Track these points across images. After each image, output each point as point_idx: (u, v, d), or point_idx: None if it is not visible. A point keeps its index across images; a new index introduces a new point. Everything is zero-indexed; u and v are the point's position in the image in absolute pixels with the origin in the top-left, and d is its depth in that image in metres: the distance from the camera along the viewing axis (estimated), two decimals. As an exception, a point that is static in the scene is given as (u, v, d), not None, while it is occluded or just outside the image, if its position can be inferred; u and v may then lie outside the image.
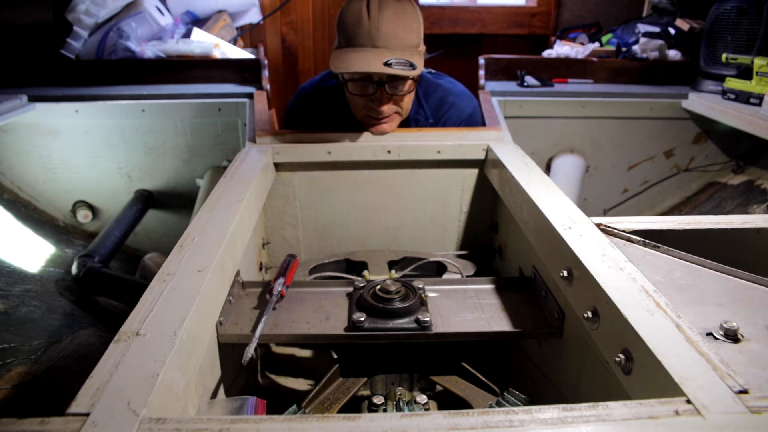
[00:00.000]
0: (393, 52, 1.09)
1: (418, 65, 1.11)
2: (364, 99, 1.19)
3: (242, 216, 0.88)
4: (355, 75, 1.15)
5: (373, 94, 1.16)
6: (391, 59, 1.08)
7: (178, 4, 2.22)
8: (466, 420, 0.44)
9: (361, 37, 1.10)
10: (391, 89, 1.15)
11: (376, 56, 1.08)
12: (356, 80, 1.16)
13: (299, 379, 1.13)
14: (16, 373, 1.06)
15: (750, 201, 1.77)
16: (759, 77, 1.70)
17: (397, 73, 1.09)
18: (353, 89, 1.18)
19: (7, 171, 1.72)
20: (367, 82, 1.15)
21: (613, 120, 1.91)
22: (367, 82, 1.15)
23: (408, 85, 1.17)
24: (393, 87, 1.15)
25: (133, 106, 1.65)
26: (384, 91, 1.15)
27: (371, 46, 1.10)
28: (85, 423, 0.43)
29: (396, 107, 1.21)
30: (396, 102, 1.20)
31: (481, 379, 0.80)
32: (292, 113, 1.42)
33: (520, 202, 0.96)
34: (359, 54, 1.10)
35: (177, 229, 1.65)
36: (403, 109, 1.23)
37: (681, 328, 0.53)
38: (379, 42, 1.09)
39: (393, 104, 1.20)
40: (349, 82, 1.18)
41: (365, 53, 1.10)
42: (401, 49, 1.10)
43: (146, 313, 0.59)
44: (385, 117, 1.21)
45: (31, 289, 1.33)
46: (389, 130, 1.25)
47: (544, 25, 2.87)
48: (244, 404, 0.63)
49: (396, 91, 1.16)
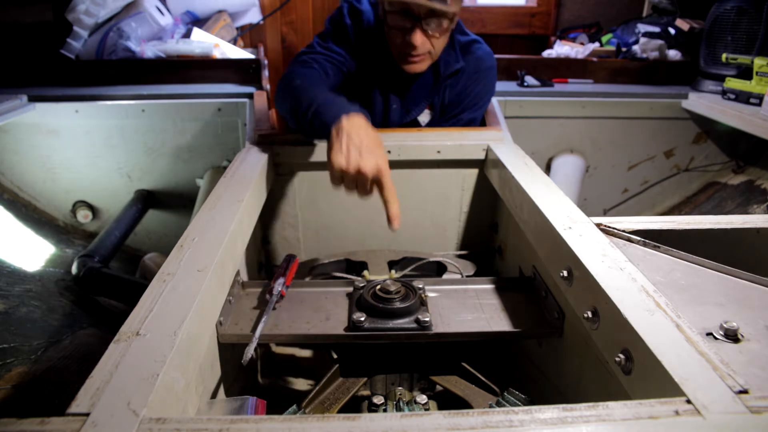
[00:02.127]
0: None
1: (454, 6, 1.16)
2: (401, 33, 1.21)
3: (242, 216, 0.88)
4: (396, 6, 1.18)
5: (410, 29, 1.19)
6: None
7: (178, 4, 2.22)
8: (466, 420, 0.44)
9: None
10: (427, 25, 1.18)
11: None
12: (396, 12, 1.19)
13: (299, 379, 1.13)
14: (16, 373, 1.06)
15: (750, 201, 1.77)
16: (759, 77, 1.70)
17: (435, 6, 1.13)
18: (391, 21, 1.21)
19: (7, 171, 1.72)
20: (406, 16, 1.18)
21: (613, 120, 1.91)
22: (406, 16, 1.18)
23: (445, 24, 1.20)
24: (429, 23, 1.18)
25: (133, 106, 1.65)
26: (420, 27, 1.18)
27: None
28: (85, 423, 0.43)
29: (429, 46, 1.23)
30: (431, 42, 1.22)
31: (481, 379, 0.80)
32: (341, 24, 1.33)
33: (520, 202, 0.96)
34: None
35: (177, 229, 1.65)
36: (435, 50, 1.26)
37: (681, 328, 0.53)
38: None
39: (428, 43, 1.22)
40: (388, 13, 1.21)
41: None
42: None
43: (146, 313, 0.59)
44: (418, 55, 1.24)
45: (31, 289, 1.33)
46: (420, 69, 1.28)
47: (544, 25, 2.87)
48: (244, 404, 0.63)
49: (431, 27, 1.19)
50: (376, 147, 0.92)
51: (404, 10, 1.17)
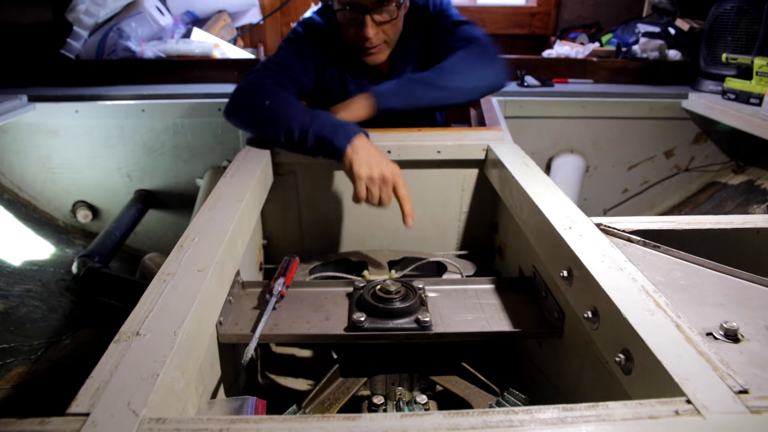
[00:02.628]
0: None
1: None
2: (354, 29, 1.24)
3: (242, 216, 0.88)
4: (342, 4, 1.21)
5: (361, 22, 1.22)
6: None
7: (178, 4, 2.22)
8: (466, 420, 0.44)
9: None
10: (377, 14, 1.21)
11: None
12: (344, 9, 1.22)
13: (299, 379, 1.13)
14: (16, 373, 1.06)
15: (750, 201, 1.77)
16: (759, 77, 1.70)
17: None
18: (342, 18, 1.24)
19: (7, 171, 1.73)
20: (355, 11, 1.21)
21: (613, 120, 1.91)
22: (355, 11, 1.21)
23: (392, 9, 1.22)
24: (378, 12, 1.21)
25: (133, 106, 1.65)
26: (370, 18, 1.21)
27: None
28: (85, 423, 0.43)
29: (383, 36, 1.26)
30: (383, 30, 1.25)
31: (481, 379, 0.80)
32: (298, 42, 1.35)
33: (520, 202, 0.96)
34: None
35: (177, 229, 1.65)
36: (390, 38, 1.28)
37: (681, 328, 0.53)
38: None
39: (381, 33, 1.25)
40: (338, 12, 1.24)
41: None
42: None
43: (146, 313, 0.59)
44: (375, 47, 1.27)
45: (31, 289, 1.33)
46: (380, 60, 1.31)
47: (544, 25, 2.87)
48: (244, 404, 0.63)
49: (381, 16, 1.22)
50: (385, 159, 1.05)
51: (352, 4, 1.20)
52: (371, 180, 1.00)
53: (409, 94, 1.21)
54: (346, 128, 1.07)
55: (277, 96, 1.18)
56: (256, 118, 1.18)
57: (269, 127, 1.14)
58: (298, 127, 1.09)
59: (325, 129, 1.07)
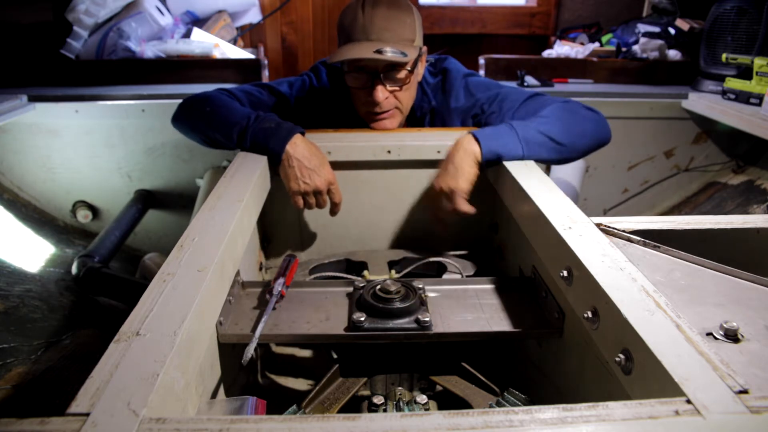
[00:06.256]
0: (386, 43, 1.11)
1: (411, 55, 1.13)
2: (364, 93, 1.20)
3: (242, 216, 0.88)
4: (351, 66, 1.17)
5: (370, 86, 1.17)
6: (383, 48, 1.10)
7: (178, 4, 2.22)
8: (466, 420, 0.44)
9: (356, 33, 1.13)
10: (387, 79, 1.16)
11: (369, 46, 1.11)
12: (352, 72, 1.18)
13: (299, 379, 1.12)
14: (16, 373, 1.06)
15: (750, 201, 1.77)
16: (759, 77, 1.70)
17: (388, 58, 1.10)
18: (350, 81, 1.20)
19: (7, 171, 1.73)
20: (363, 72, 1.16)
21: (612, 120, 1.89)
22: (363, 72, 1.16)
23: (404, 75, 1.17)
24: (388, 77, 1.16)
25: (133, 106, 1.65)
26: (380, 82, 1.16)
27: (365, 40, 1.12)
28: (85, 423, 0.43)
29: (395, 101, 1.22)
30: (395, 96, 1.21)
31: (481, 379, 0.80)
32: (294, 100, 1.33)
33: (520, 202, 0.96)
34: (353, 46, 1.13)
35: (177, 229, 1.64)
36: (402, 105, 1.24)
37: (681, 328, 0.53)
38: (372, 35, 1.12)
39: (392, 98, 1.21)
40: (347, 75, 1.19)
41: (359, 45, 1.12)
42: (394, 42, 1.12)
43: (146, 313, 0.59)
44: (385, 112, 1.22)
45: (31, 289, 1.33)
46: (390, 126, 1.26)
47: (544, 25, 2.88)
48: (244, 404, 0.63)
49: (392, 81, 1.17)
50: (322, 164, 1.08)
51: (361, 68, 1.16)
52: (305, 193, 1.08)
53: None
54: (280, 130, 1.08)
55: (218, 100, 1.18)
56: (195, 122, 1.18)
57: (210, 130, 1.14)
58: (237, 129, 1.10)
59: (259, 135, 1.08)
